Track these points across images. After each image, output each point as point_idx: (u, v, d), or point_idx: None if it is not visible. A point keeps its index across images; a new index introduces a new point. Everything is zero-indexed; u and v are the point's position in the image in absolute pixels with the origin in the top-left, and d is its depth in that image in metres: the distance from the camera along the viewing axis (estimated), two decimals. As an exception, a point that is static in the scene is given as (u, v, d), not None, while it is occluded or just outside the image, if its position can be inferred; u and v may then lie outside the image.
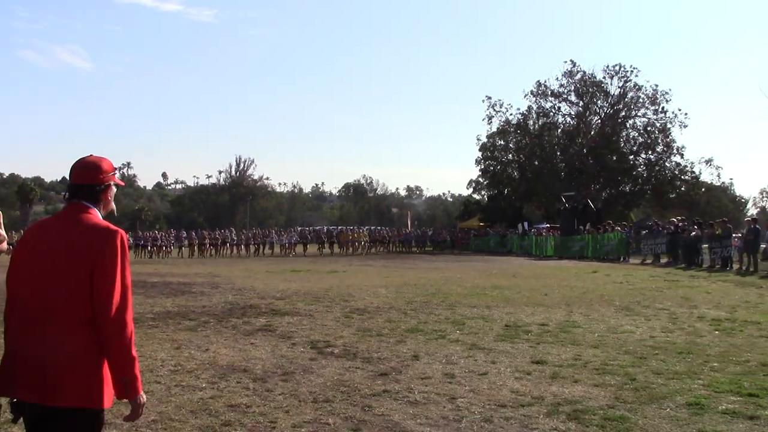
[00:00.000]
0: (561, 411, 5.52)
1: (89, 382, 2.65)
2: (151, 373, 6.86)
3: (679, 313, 11.89)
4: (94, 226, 2.75)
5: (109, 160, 2.96)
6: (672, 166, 57.53)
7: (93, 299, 2.63)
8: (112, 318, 2.63)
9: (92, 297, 2.64)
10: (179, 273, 21.98)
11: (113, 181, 2.94)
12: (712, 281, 19.10)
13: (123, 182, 3.21)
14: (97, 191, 2.86)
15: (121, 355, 2.66)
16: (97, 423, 2.72)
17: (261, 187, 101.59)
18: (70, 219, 2.79)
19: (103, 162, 2.92)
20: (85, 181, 2.85)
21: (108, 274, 2.65)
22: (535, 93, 59.12)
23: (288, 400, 5.84)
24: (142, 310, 11.85)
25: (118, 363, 2.66)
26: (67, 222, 2.79)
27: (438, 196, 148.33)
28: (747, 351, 8.22)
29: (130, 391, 2.69)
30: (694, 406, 5.65)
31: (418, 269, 25.39)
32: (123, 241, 2.75)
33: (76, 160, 2.91)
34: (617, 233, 32.76)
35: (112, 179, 2.93)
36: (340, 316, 11.27)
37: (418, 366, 7.32)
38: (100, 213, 2.87)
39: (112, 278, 2.65)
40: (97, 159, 2.92)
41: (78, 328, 2.64)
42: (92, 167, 2.88)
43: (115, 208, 3.05)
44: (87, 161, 2.90)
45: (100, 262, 2.65)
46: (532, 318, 11.15)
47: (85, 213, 2.79)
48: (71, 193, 2.85)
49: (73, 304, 2.64)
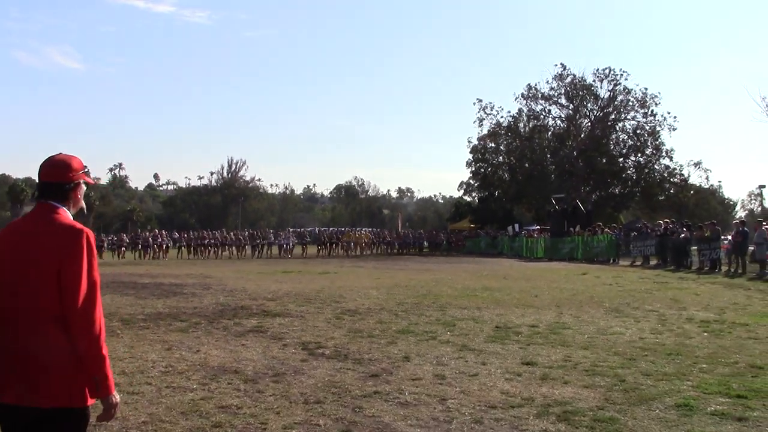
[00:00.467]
0: (551, 412, 5.55)
1: (69, 381, 2.65)
2: (142, 374, 6.85)
3: (668, 314, 11.95)
4: (61, 225, 2.76)
5: (79, 159, 2.96)
6: (661, 169, 57.90)
7: (61, 298, 2.65)
8: (80, 316, 2.64)
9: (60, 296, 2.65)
10: (171, 274, 21.92)
11: (83, 180, 2.95)
12: (700, 283, 19.20)
13: (93, 181, 3.21)
14: (67, 189, 2.86)
15: (90, 353, 2.66)
16: (82, 422, 2.72)
17: (253, 188, 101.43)
18: (38, 220, 2.80)
19: (73, 160, 2.92)
20: (54, 180, 2.85)
21: (74, 272, 2.66)
22: (526, 96, 59.38)
23: (279, 402, 5.84)
24: (133, 311, 11.83)
25: (87, 361, 2.66)
26: (35, 223, 2.79)
27: (429, 198, 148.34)
28: (735, 352, 8.28)
29: (102, 389, 2.70)
30: (683, 408, 5.68)
31: (409, 271, 25.41)
32: (89, 240, 2.75)
33: (46, 158, 2.91)
34: (607, 235, 32.89)
35: (82, 177, 2.94)
36: (331, 318, 11.27)
37: (408, 367, 7.34)
38: (70, 212, 2.87)
39: (78, 277, 2.66)
40: (66, 157, 2.92)
41: (53, 328, 2.65)
42: (61, 165, 2.88)
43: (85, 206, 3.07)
44: (56, 159, 2.90)
45: (66, 261, 2.67)
46: (522, 319, 11.18)
47: (53, 213, 2.80)
48: (40, 192, 2.85)
49: (46, 305, 2.65)
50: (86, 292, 2.67)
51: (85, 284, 2.68)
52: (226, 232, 44.78)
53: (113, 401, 2.73)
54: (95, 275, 2.75)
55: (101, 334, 2.70)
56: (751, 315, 11.97)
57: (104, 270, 22.98)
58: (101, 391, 2.70)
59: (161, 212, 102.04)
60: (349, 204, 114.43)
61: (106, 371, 2.70)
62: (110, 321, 10.51)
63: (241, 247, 41.44)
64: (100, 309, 2.72)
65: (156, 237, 39.76)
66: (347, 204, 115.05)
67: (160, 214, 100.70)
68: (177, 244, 40.62)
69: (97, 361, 2.67)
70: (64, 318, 2.65)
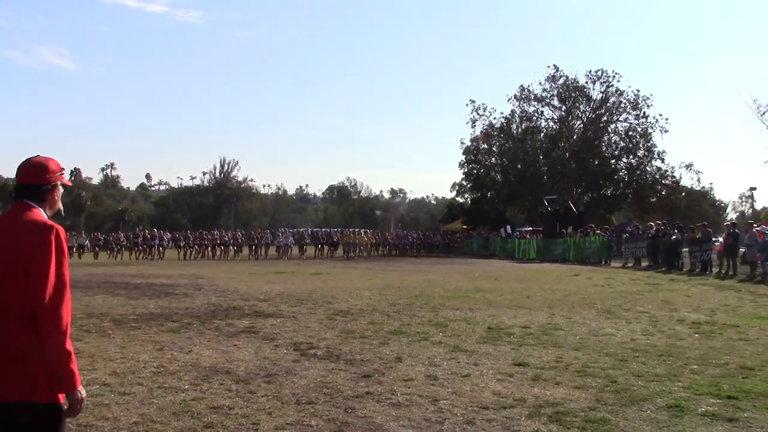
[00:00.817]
0: (543, 413, 5.56)
1: (34, 376, 2.66)
2: (134, 374, 6.83)
3: (659, 316, 12.00)
4: (31, 222, 2.78)
5: (57, 161, 2.98)
6: (653, 171, 58.14)
7: (29, 295, 2.66)
8: (46, 312, 2.65)
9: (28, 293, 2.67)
10: (162, 274, 21.86)
11: (60, 181, 2.97)
12: (692, 285, 19.27)
13: (70, 183, 3.21)
14: (44, 191, 2.89)
15: (55, 348, 2.66)
16: (52, 417, 2.72)
17: (245, 188, 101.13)
18: (11, 218, 2.83)
19: (50, 162, 2.94)
20: (31, 181, 2.88)
21: (42, 269, 2.68)
22: (519, 97, 59.49)
23: (271, 402, 5.83)
24: (124, 311, 11.80)
25: (52, 356, 2.67)
26: (9, 221, 2.82)
27: (422, 199, 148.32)
28: (726, 354, 8.32)
29: (66, 384, 2.70)
30: (674, 408, 5.70)
31: (401, 272, 25.42)
32: (58, 237, 2.76)
33: (24, 159, 2.94)
34: (599, 237, 32.99)
35: (59, 179, 2.96)
36: (323, 318, 11.26)
37: (400, 368, 7.34)
38: (46, 213, 2.89)
39: (45, 273, 2.67)
40: (44, 159, 2.94)
41: (21, 324, 2.67)
42: (39, 167, 2.90)
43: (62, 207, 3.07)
44: (34, 161, 2.92)
45: (34, 258, 2.69)
46: (514, 320, 11.20)
47: (28, 212, 2.82)
48: (17, 193, 2.89)
49: (15, 301, 2.67)
50: (54, 290, 2.69)
51: (53, 281, 2.69)
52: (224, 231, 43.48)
53: (78, 396, 2.73)
54: (64, 273, 2.76)
55: (67, 330, 2.71)
56: (742, 316, 12.03)
57: (95, 270, 22.95)
58: (65, 386, 2.70)
59: (153, 212, 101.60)
60: (341, 205, 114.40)
61: (71, 366, 2.70)
62: (102, 321, 10.50)
63: (238, 248, 40.25)
64: (68, 307, 2.74)
65: (155, 237, 38.45)
66: (340, 205, 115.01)
67: (152, 214, 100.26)
68: (178, 244, 39.55)
69: (61, 357, 2.67)
70: (31, 314, 2.66)
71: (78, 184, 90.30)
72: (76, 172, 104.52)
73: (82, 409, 2.79)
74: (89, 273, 21.62)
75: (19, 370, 2.66)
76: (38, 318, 2.65)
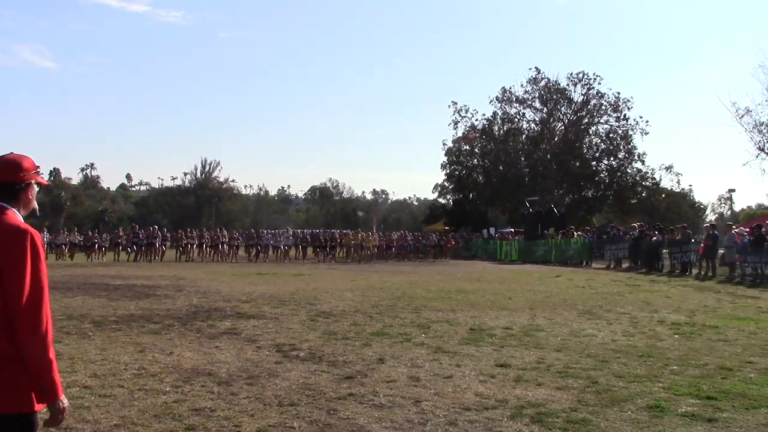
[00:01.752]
0: (524, 414, 5.59)
1: (14, 386, 2.60)
2: (114, 377, 6.78)
3: (639, 317, 12.09)
4: (4, 226, 2.69)
5: (31, 159, 2.91)
6: (633, 173, 58.55)
7: (5, 301, 2.59)
8: (25, 319, 2.58)
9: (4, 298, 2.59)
10: (143, 275, 21.70)
11: (35, 180, 2.90)
12: (672, 286, 19.45)
13: (46, 181, 3.15)
14: (17, 190, 2.81)
15: (36, 357, 2.60)
16: (27, 428, 2.66)
17: (227, 189, 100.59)
18: None
19: (24, 160, 2.86)
20: (4, 179, 2.79)
21: (17, 274, 2.60)
22: (500, 99, 59.72)
23: (253, 404, 5.81)
24: (104, 313, 11.70)
25: (33, 365, 2.60)
26: None
27: (404, 200, 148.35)
28: (706, 354, 8.40)
29: (48, 394, 2.64)
30: (654, 409, 5.75)
31: (383, 273, 25.41)
32: (34, 240, 2.69)
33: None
34: (580, 238, 33.19)
35: (34, 177, 2.89)
36: (305, 320, 11.24)
37: (383, 369, 7.34)
38: (20, 212, 2.82)
39: (21, 279, 2.60)
40: (17, 156, 2.87)
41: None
42: (12, 165, 2.82)
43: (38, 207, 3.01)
44: (7, 159, 2.84)
45: (8, 263, 2.61)
46: (496, 321, 11.24)
47: (1, 214, 2.74)
48: None
49: None
50: (31, 294, 2.61)
51: (30, 287, 2.61)
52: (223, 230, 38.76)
53: (60, 406, 2.67)
54: (41, 276, 2.67)
55: (48, 337, 2.64)
56: (721, 317, 12.15)
57: (74, 271, 22.73)
58: (47, 395, 2.63)
59: (134, 213, 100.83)
60: (323, 205, 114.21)
61: (53, 375, 2.64)
62: (82, 323, 10.40)
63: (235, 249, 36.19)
64: (47, 312, 2.66)
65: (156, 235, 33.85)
66: (322, 205, 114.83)
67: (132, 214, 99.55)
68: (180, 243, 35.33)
69: (43, 365, 2.61)
70: (8, 321, 2.59)
71: (57, 184, 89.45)
72: (55, 172, 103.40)
73: (63, 419, 2.73)
74: (69, 274, 21.42)
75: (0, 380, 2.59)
76: (16, 325, 2.57)
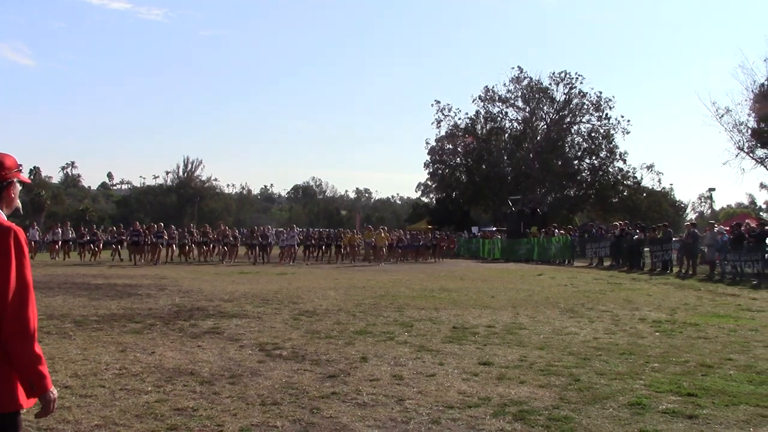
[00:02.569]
0: (507, 412, 5.61)
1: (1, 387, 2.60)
2: (95, 376, 6.72)
3: (621, 315, 12.18)
4: None
5: (13, 157, 2.89)
6: (615, 172, 59.06)
7: None
8: (10, 318, 2.57)
9: None
10: (125, 275, 21.54)
11: (17, 178, 2.88)
12: (653, 284, 19.60)
13: (29, 180, 3.12)
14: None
15: (23, 355, 2.60)
16: (12, 426, 2.65)
17: (209, 188, 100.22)
18: None
19: (6, 158, 2.85)
20: None
21: (2, 272, 2.58)
22: (483, 98, 60.11)
23: (235, 403, 5.79)
24: (86, 312, 11.60)
25: (20, 363, 2.61)
26: None
27: (387, 199, 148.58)
28: (686, 352, 8.47)
29: (38, 389, 2.65)
30: (635, 406, 5.79)
31: (366, 272, 25.41)
32: (17, 238, 2.67)
33: None
34: (562, 237, 33.35)
35: (16, 176, 2.87)
36: (288, 319, 11.21)
37: (366, 368, 7.34)
38: (3, 211, 2.80)
39: (6, 277, 2.58)
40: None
41: None
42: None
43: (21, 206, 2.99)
44: None
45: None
46: (479, 320, 11.27)
47: None
48: None
49: None
50: (17, 292, 2.60)
51: (15, 285, 2.60)
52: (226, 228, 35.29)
53: (50, 397, 2.69)
54: (26, 275, 2.66)
55: (35, 333, 2.64)
56: (701, 315, 12.26)
57: (55, 271, 22.53)
58: (37, 390, 2.65)
59: (115, 212, 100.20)
60: (306, 204, 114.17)
61: (42, 370, 2.65)
62: (62, 323, 10.31)
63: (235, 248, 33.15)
64: (33, 309, 2.66)
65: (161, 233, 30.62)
66: (305, 204, 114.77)
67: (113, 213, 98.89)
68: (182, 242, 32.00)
69: (31, 363, 2.62)
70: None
71: (38, 183, 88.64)
72: (35, 170, 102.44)
73: (53, 409, 2.75)
74: (50, 273, 21.22)
75: None
76: (3, 323, 2.56)
